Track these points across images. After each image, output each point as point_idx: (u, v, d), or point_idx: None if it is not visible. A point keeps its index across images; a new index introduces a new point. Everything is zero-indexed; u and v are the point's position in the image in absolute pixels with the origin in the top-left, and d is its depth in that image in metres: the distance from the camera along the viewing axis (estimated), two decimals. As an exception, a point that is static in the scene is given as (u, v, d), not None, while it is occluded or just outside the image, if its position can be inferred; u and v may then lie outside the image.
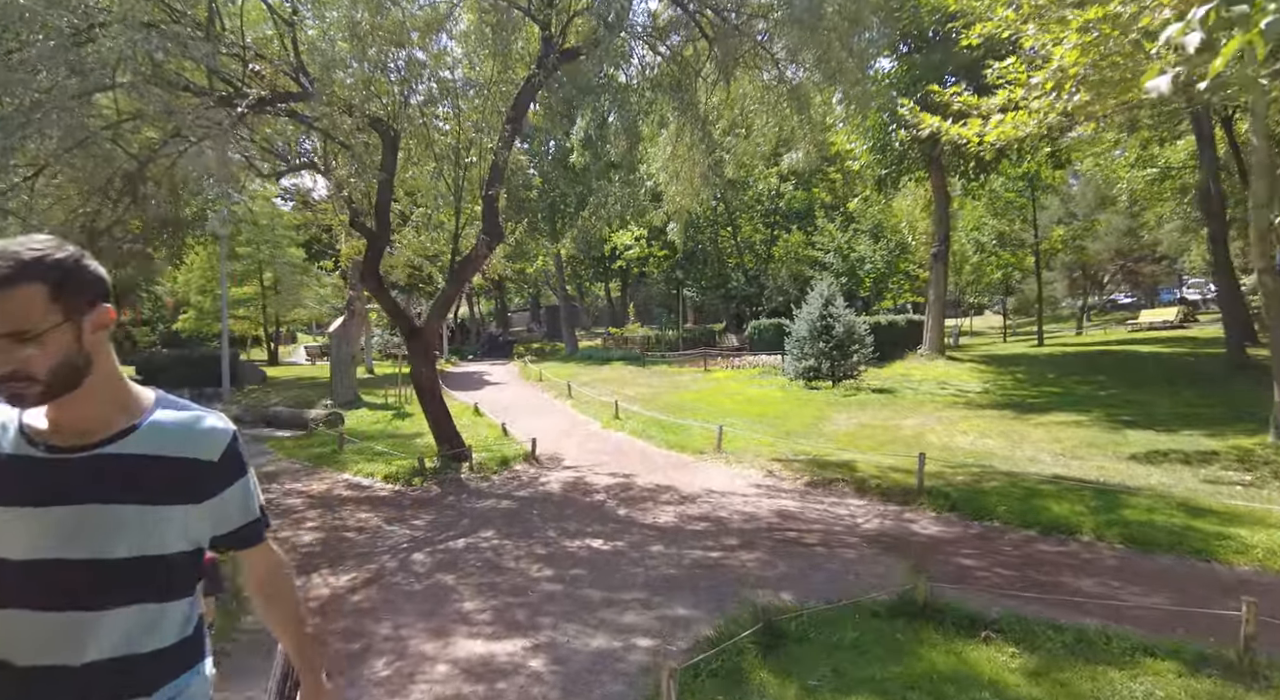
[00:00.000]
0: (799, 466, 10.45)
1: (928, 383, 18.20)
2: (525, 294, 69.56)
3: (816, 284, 18.23)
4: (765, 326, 27.99)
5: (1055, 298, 48.44)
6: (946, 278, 22.48)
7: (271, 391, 22.41)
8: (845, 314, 17.48)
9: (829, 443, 12.41)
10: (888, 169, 23.42)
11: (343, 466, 11.50)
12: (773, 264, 37.48)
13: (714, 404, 16.61)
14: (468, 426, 14.67)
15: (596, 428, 14.87)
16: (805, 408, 15.56)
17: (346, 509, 8.92)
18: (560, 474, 10.62)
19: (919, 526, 7.72)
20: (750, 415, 15.05)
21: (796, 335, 17.80)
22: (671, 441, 12.72)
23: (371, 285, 10.21)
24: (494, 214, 9.74)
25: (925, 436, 12.44)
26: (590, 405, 17.39)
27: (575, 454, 12.21)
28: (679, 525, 7.89)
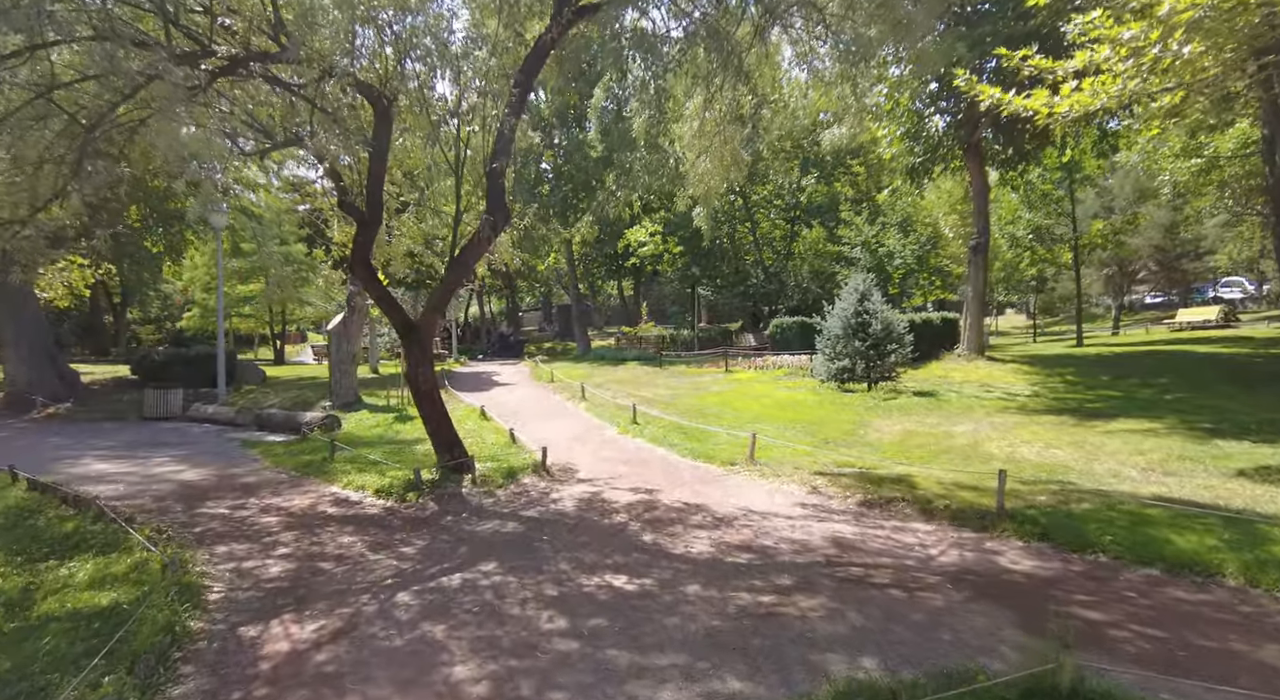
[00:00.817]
0: (848, 482, 9.13)
1: (970, 385, 16.80)
2: (536, 293, 68.48)
3: (850, 277, 16.87)
4: (788, 325, 26.61)
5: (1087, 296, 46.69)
6: (986, 272, 21.02)
7: (270, 392, 21.34)
8: (883, 310, 16.11)
9: (875, 453, 11.08)
10: (921, 157, 22.01)
11: (331, 478, 10.31)
12: (793, 261, 36.07)
13: (740, 408, 15.30)
14: (472, 432, 13.47)
15: (612, 433, 13.61)
16: (842, 412, 14.22)
17: (328, 531, 7.70)
18: (574, 489, 9.35)
19: (1007, 560, 6.38)
20: (782, 421, 13.73)
21: (829, 333, 16.45)
22: (697, 450, 11.43)
23: (361, 274, 9.02)
24: (499, 191, 8.52)
25: (983, 446, 11.08)
26: (605, 408, 16.13)
27: (590, 464, 10.95)
28: (717, 557, 6.61)
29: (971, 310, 20.62)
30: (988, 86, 10.11)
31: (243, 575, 6.28)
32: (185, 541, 7.20)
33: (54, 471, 10.99)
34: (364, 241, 9.15)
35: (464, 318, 60.70)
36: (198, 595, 5.65)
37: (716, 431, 12.65)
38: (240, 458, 12.57)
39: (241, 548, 7.08)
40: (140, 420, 18.72)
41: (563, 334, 52.30)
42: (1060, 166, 25.93)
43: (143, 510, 8.54)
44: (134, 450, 13.38)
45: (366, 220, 9.11)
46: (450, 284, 9.10)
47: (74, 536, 7.25)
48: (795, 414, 14.32)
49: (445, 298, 9.23)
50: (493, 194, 8.53)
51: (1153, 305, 50.18)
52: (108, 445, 14.04)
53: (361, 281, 9.19)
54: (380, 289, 9.19)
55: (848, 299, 16.40)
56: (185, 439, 15.12)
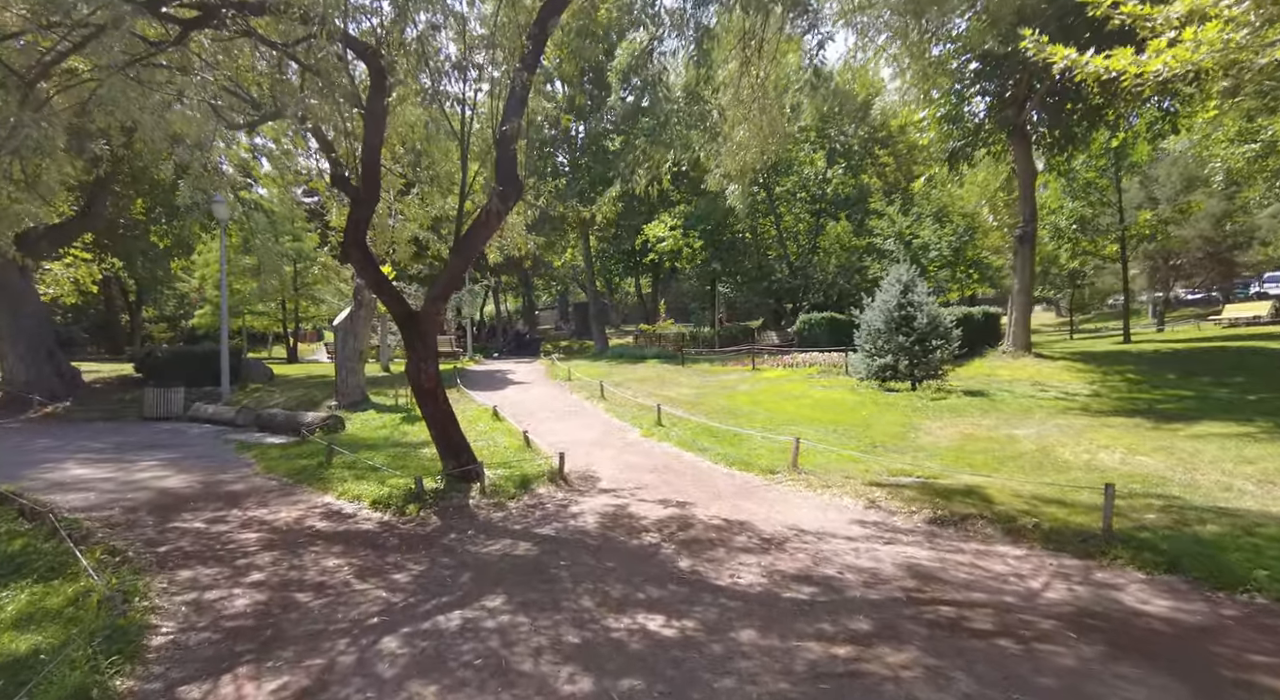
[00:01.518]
0: (911, 495, 7.93)
1: (1020, 384, 15.47)
2: (553, 291, 67.62)
3: (892, 268, 15.60)
4: (817, 321, 25.34)
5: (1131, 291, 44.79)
6: (1034, 263, 19.63)
7: (276, 391, 20.46)
8: (929, 303, 14.84)
9: (932, 460, 9.86)
10: (961, 141, 20.66)
11: (326, 486, 9.28)
12: (818, 255, 34.72)
13: (773, 409, 14.11)
14: (483, 434, 12.41)
15: (635, 436, 12.49)
16: (886, 414, 12.98)
17: (312, 551, 6.64)
18: (595, 500, 8.23)
19: (1132, 598, 5.17)
20: (821, 423, 12.52)
21: (869, 328, 15.19)
22: (731, 456, 10.27)
23: (356, 258, 7.98)
24: (510, 159, 7.43)
25: (1055, 453, 9.81)
26: (626, 409, 15.01)
27: (612, 471, 9.83)
28: (771, 590, 5.45)
29: (1017, 304, 19.23)
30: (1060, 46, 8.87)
31: (201, 610, 5.23)
32: (144, 565, 6.17)
33: (29, 477, 10.07)
34: (358, 221, 8.10)
35: (479, 316, 59.98)
36: (137, 640, 4.60)
37: (750, 434, 11.48)
38: (232, 462, 11.60)
39: (208, 572, 6.04)
40: (140, 420, 17.90)
41: (579, 332, 51.32)
42: (1105, 153, 24.42)
43: (108, 524, 7.55)
44: (122, 453, 12.47)
45: (361, 197, 8.06)
46: (455, 269, 8.03)
47: (19, 557, 6.25)
48: (835, 415, 13.10)
49: (450, 285, 8.16)
50: (502, 162, 7.45)
51: (1190, 301, 48.20)
52: (96, 447, 13.16)
53: (356, 266, 8.16)
54: (377, 275, 8.14)
55: (889, 291, 15.14)
56: (179, 441, 14.21)
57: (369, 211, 8.20)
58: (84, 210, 21.43)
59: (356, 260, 8.05)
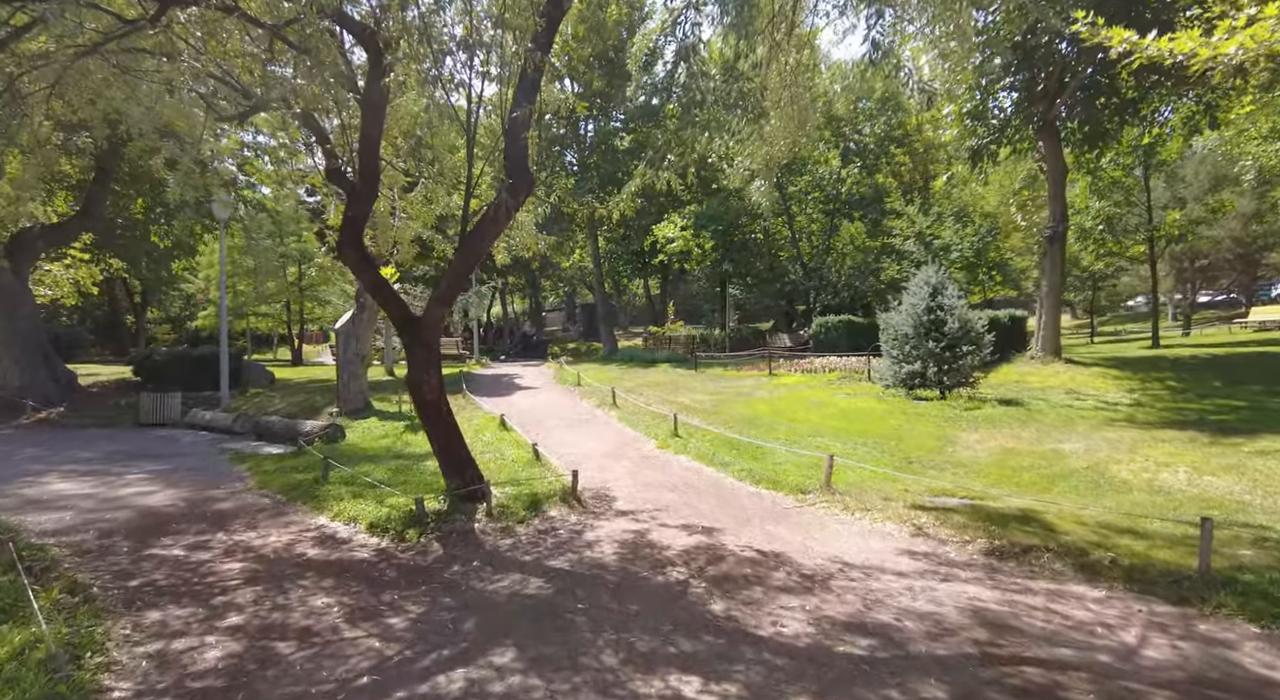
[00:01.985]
0: (961, 521, 7.18)
1: (1054, 392, 14.68)
2: (560, 292, 66.99)
3: (920, 270, 14.83)
4: (833, 324, 24.57)
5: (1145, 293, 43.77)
6: (1064, 264, 18.80)
7: (277, 395, 19.84)
8: (959, 306, 14.06)
9: (975, 477, 9.10)
10: (986, 138, 19.86)
11: (321, 505, 8.59)
12: (832, 255, 33.92)
13: (796, 418, 13.36)
14: (490, 446, 11.72)
15: (651, 448, 11.76)
16: (918, 424, 12.21)
17: (300, 586, 5.94)
18: (612, 525, 7.51)
19: (1253, 660, 4.41)
20: (849, 435, 11.77)
21: (897, 332, 14.42)
22: (756, 472, 9.53)
23: (351, 257, 7.29)
24: (521, 149, 6.72)
25: (1109, 470, 9.03)
26: (639, 417, 14.29)
27: (629, 490, 9.10)
28: (821, 642, 4.72)
29: (1047, 307, 18.42)
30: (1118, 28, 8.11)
31: (165, 665, 4.53)
32: (109, 604, 5.48)
33: (4, 494, 9.43)
34: (355, 218, 7.41)
35: (486, 317, 59.44)
36: (81, 711, 3.90)
37: (774, 447, 10.74)
38: (225, 475, 10.93)
39: (180, 614, 5.34)
40: (135, 426, 17.29)
41: (587, 334, 50.63)
42: (1132, 150, 23.55)
43: (79, 551, 6.87)
44: (110, 464, 11.82)
45: (359, 192, 7.37)
46: (461, 270, 7.32)
47: (-32, 595, 5.57)
48: (863, 426, 12.34)
49: (454, 286, 7.46)
50: (512, 152, 6.74)
51: (1211, 304, 47.15)
52: (84, 457, 12.52)
53: (351, 266, 7.49)
54: (375, 276, 7.45)
55: (918, 293, 14.36)
56: (173, 449, 13.57)
57: (366, 208, 7.51)
58: (82, 210, 20.87)
59: (352, 260, 7.36)
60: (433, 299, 7.47)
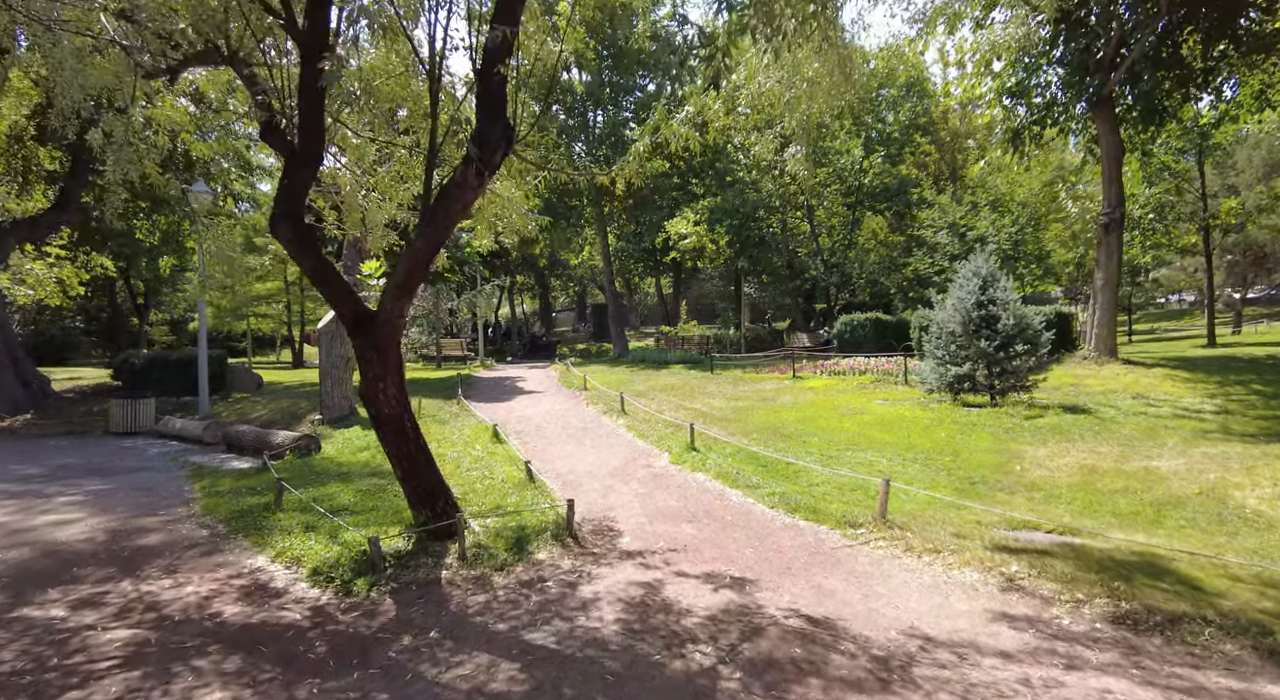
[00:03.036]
0: (1065, 570, 5.54)
1: (1119, 397, 12.95)
2: (570, 292, 65.61)
3: (971, 258, 13.13)
4: (859, 323, 22.89)
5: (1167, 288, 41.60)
6: (1121, 254, 17.01)
7: (261, 401, 18.46)
8: (1013, 299, 12.38)
9: (1058, 504, 7.47)
10: (1030, 119, 18.13)
11: (265, 539, 7.09)
12: (854, 250, 32.21)
13: (829, 428, 11.73)
14: (479, 462, 10.18)
15: (664, 464, 10.18)
16: (973, 437, 10.55)
17: (193, 670, 4.41)
18: (616, 574, 5.93)
19: None
20: (894, 449, 10.14)
21: (942, 330, 12.76)
22: (790, 497, 7.93)
23: (287, 234, 5.77)
24: (498, 90, 5.16)
25: (1229, 496, 7.36)
26: (651, 426, 12.71)
27: (638, 520, 7.52)
28: (925, 793, 3.12)
29: (1101, 302, 16.64)
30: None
31: None
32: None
33: (-97, 521, 8.01)
34: (293, 186, 5.89)
35: (494, 317, 58.21)
36: None
37: (809, 466, 9.14)
38: (171, 496, 9.47)
39: (9, 720, 3.84)
40: (105, 435, 15.97)
41: (597, 334, 49.16)
42: (1185, 132, 21.68)
43: (-65, 609, 5.40)
44: (48, 483, 10.41)
45: (298, 153, 5.85)
46: (423, 250, 5.78)
47: None
48: (909, 438, 10.70)
49: (415, 272, 5.90)
50: (487, 94, 5.18)
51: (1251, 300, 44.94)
52: (24, 474, 11.13)
53: (288, 247, 5.97)
54: (317, 261, 5.93)
55: (966, 286, 12.69)
56: (129, 463, 12.16)
57: (308, 173, 5.98)
58: (56, 203, 19.62)
59: (288, 238, 5.84)
60: (389, 289, 5.94)
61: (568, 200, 32.19)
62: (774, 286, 37.18)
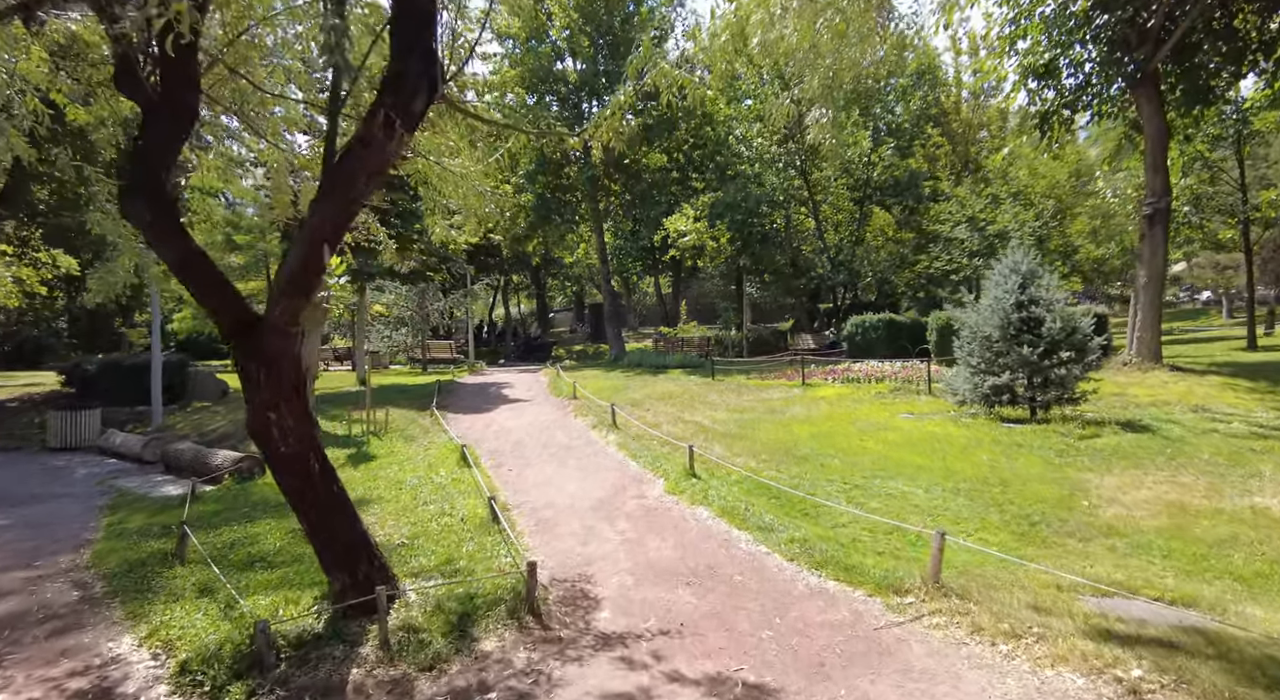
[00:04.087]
0: (1213, 679, 3.97)
1: (1175, 409, 11.40)
2: (569, 292, 64.02)
3: (1007, 252, 11.54)
4: (871, 324, 21.31)
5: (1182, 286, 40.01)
6: (1167, 248, 15.44)
7: (223, 411, 16.91)
8: (1059, 300, 10.82)
9: (1151, 557, 5.92)
10: (1060, 102, 16.55)
11: (142, 610, 5.53)
12: (861, 247, 30.60)
13: (849, 448, 10.15)
14: (438, 495, 8.62)
15: (658, 493, 8.62)
16: (1021, 461, 8.98)
17: None
18: (586, 680, 4.35)
19: None
20: (930, 475, 8.56)
21: (976, 334, 11.18)
22: (814, 546, 6.37)
23: (141, 213, 4.24)
24: (418, 14, 3.61)
25: (1372, 550, 5.79)
26: (645, 444, 11.15)
27: (622, 581, 5.96)
28: None
29: (1144, 301, 15.07)
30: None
31: None
32: None
33: None
34: (152, 149, 4.35)
35: (489, 318, 56.72)
36: None
37: (831, 501, 7.58)
38: (61, 540, 7.89)
39: None
40: (42, 450, 14.43)
41: (595, 335, 47.56)
42: (1223, 119, 20.08)
43: None
44: (-67, 517, 8.86)
45: (156, 106, 4.31)
46: (317, 233, 4.23)
47: None
48: (945, 461, 9.13)
49: (311, 262, 4.35)
50: (403, 11, 3.64)
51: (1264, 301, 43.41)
52: (-86, 504, 9.57)
53: (144, 228, 4.43)
54: (183, 248, 4.39)
55: (1003, 284, 11.12)
56: (47, 489, 10.62)
57: (175, 132, 4.44)
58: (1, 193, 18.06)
59: (145, 220, 4.31)
60: (278, 285, 4.39)
61: (561, 195, 30.65)
62: (775, 286, 35.56)
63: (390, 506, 8.37)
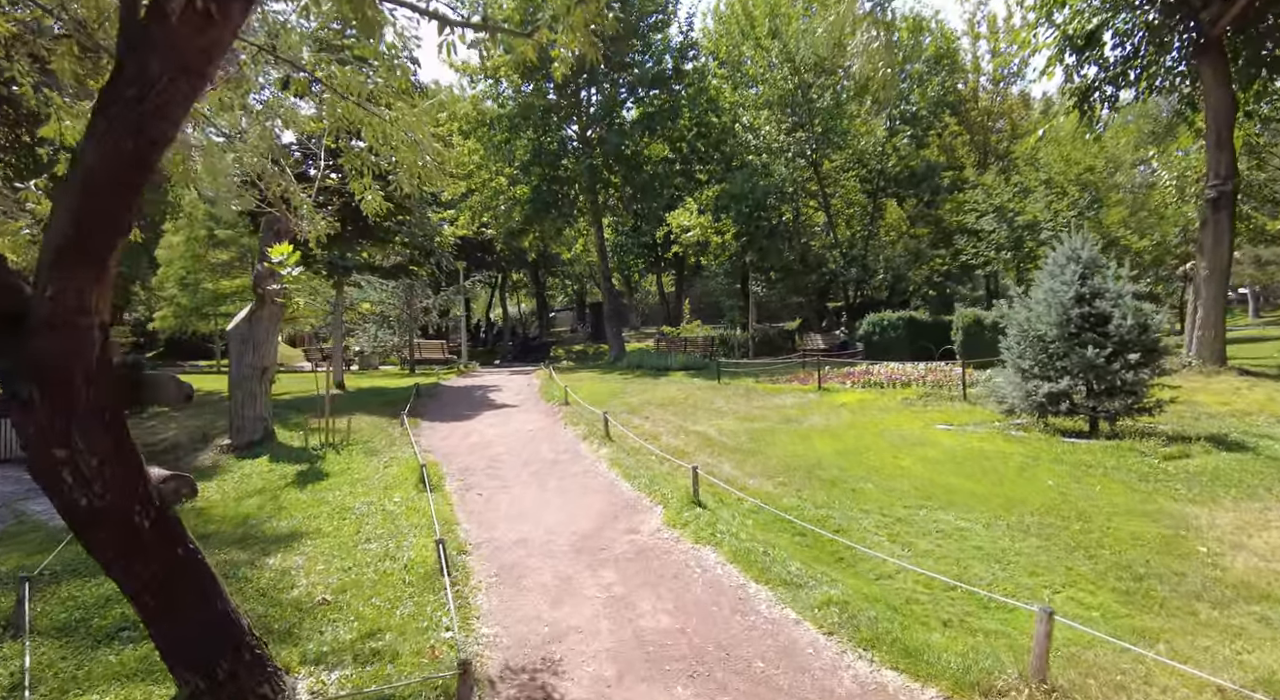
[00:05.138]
0: None
1: (1261, 419, 9.80)
2: (569, 290, 62.42)
3: (1064, 240, 9.92)
4: (890, 323, 19.71)
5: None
6: (1232, 237, 13.79)
7: (180, 417, 15.38)
8: (1127, 292, 9.20)
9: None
10: (1104, 77, 14.93)
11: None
12: (874, 241, 28.99)
13: (883, 468, 8.55)
14: (385, 529, 7.06)
15: (656, 526, 7.04)
16: (1096, 488, 7.36)
17: None
18: None
19: None
20: (987, 506, 6.96)
21: (1027, 332, 9.58)
22: (856, 612, 4.78)
23: None
24: None
25: None
26: (642, 460, 9.56)
27: (597, 672, 4.38)
28: None
29: (1207, 297, 13.43)
30: None
31: None
32: None
33: None
34: None
35: (487, 317, 55.31)
36: None
37: (874, 553, 5.99)
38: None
39: None
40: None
41: (595, 335, 46.00)
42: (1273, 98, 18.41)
43: None
44: None
45: None
46: (96, 169, 2.68)
47: None
48: (1001, 487, 7.52)
49: (92, 213, 2.79)
50: None
51: None
52: None
53: None
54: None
55: (1060, 275, 9.51)
56: (-61, 515, 9.08)
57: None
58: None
59: None
60: (52, 253, 2.81)
61: (559, 187, 29.06)
62: (782, 283, 33.94)
63: (326, 543, 6.80)
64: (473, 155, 27.91)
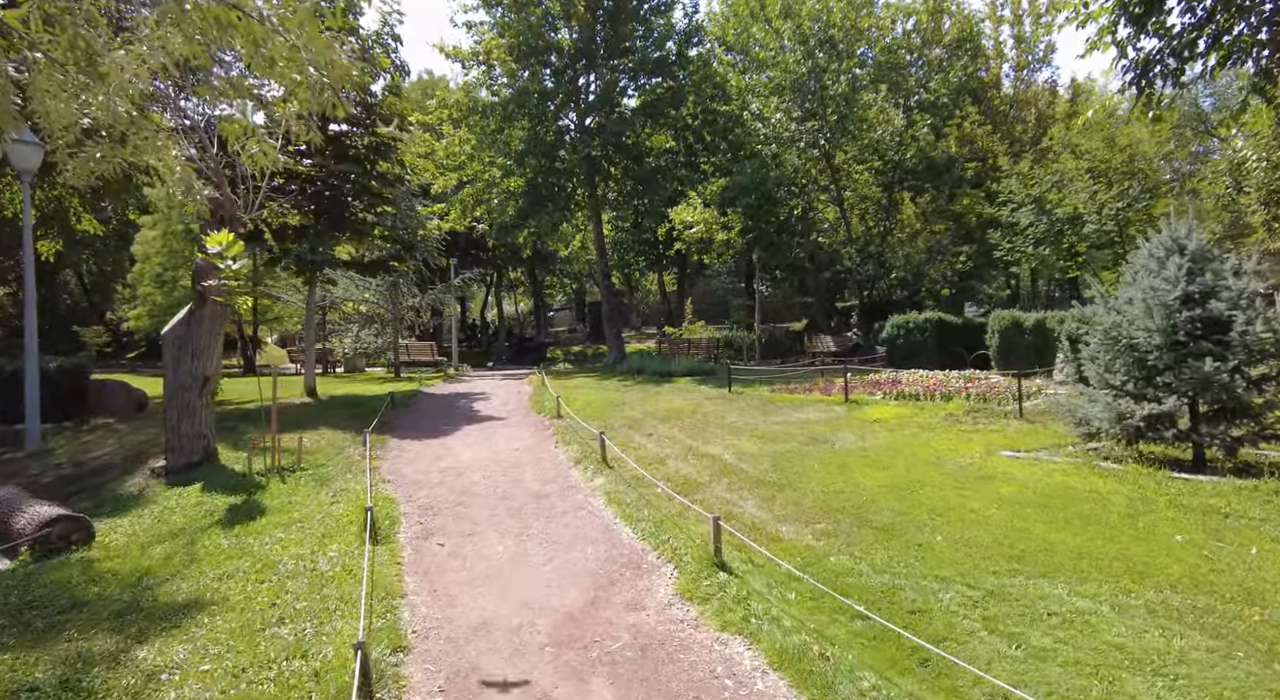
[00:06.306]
0: None
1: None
2: (568, 289, 60.65)
3: (1164, 225, 8.19)
4: (917, 325, 17.96)
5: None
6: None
7: (124, 431, 13.62)
8: (1252, 291, 7.46)
9: None
10: (1166, 50, 13.15)
11: None
12: (890, 238, 27.24)
13: (948, 510, 6.77)
14: (300, 610, 5.27)
15: (665, 599, 5.31)
16: (1247, 549, 5.59)
17: None
18: None
19: None
20: (1106, 574, 5.19)
21: (1118, 340, 7.83)
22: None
23: None
24: None
25: None
26: (646, 495, 7.81)
27: None
28: None
29: (1295, 298, 11.69)
30: None
31: None
32: None
33: None
34: None
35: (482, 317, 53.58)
36: None
37: (970, 667, 4.24)
38: None
39: None
40: None
41: (595, 335, 44.31)
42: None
43: None
44: None
45: None
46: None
47: None
48: (1113, 544, 5.76)
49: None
50: None
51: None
52: None
53: None
54: None
55: (1159, 270, 7.76)
56: None
57: None
58: None
59: None
60: None
61: (555, 180, 27.30)
62: (789, 282, 32.25)
63: (226, 625, 5.04)
64: (464, 145, 26.17)
